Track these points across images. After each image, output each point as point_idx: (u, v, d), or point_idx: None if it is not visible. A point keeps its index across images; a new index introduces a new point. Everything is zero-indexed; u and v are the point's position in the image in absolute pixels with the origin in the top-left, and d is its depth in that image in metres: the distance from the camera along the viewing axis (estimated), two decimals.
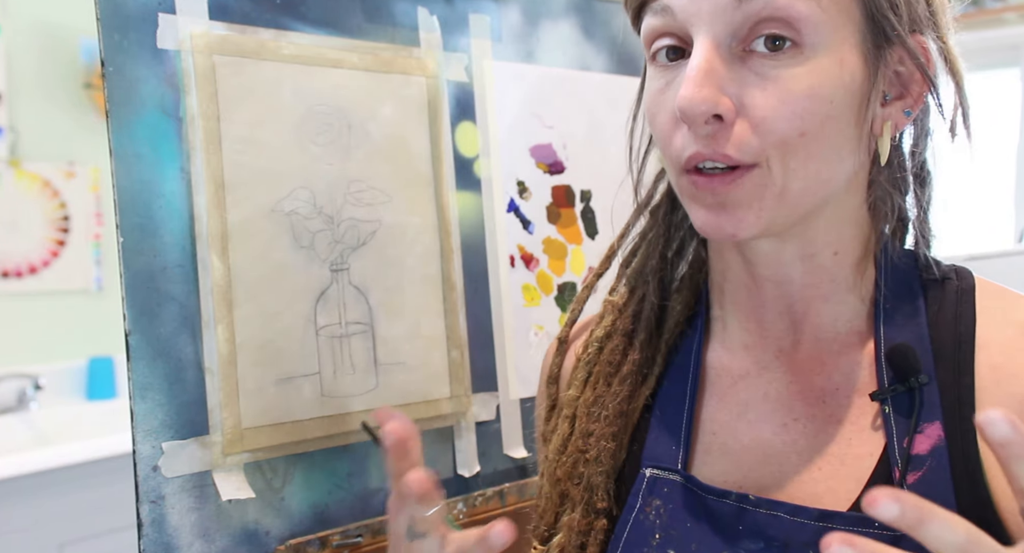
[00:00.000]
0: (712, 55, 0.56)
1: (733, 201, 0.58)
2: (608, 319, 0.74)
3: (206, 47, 0.74)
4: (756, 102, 0.56)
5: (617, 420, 0.69)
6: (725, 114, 0.56)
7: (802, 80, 0.56)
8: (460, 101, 0.89)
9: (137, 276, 0.70)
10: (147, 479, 0.69)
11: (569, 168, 0.98)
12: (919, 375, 0.59)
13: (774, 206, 0.58)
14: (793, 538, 0.59)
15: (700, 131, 0.57)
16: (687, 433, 0.67)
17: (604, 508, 0.67)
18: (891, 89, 0.61)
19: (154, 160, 0.71)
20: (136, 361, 0.69)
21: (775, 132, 0.56)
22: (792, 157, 0.57)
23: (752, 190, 0.58)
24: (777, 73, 0.56)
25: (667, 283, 0.73)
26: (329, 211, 0.79)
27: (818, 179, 0.59)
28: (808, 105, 0.56)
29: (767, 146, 0.56)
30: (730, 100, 0.56)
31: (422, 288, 0.85)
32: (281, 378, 0.76)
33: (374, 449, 0.81)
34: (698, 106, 0.55)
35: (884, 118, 0.61)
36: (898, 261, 0.65)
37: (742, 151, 0.56)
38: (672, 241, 0.73)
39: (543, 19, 0.96)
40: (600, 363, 0.72)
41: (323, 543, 0.77)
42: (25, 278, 2.41)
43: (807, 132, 0.56)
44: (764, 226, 0.59)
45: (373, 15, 0.83)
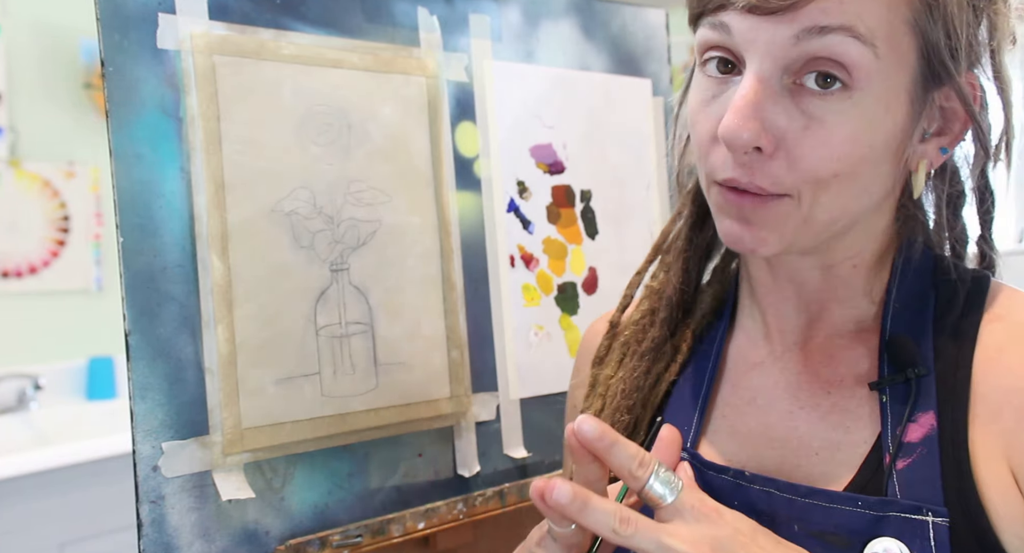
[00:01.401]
0: (760, 87, 0.57)
1: (759, 221, 0.60)
2: (645, 303, 0.76)
3: (206, 47, 0.73)
4: (797, 141, 0.57)
5: (633, 394, 0.72)
6: (765, 148, 0.57)
7: (845, 125, 0.56)
8: (460, 101, 0.89)
9: (137, 276, 0.70)
10: (147, 479, 0.69)
11: (569, 168, 0.98)
12: (916, 366, 0.61)
13: (797, 232, 0.60)
14: (779, 512, 0.61)
15: (739, 159, 0.58)
16: (700, 414, 0.69)
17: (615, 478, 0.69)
18: (932, 125, 0.62)
19: (154, 160, 0.71)
20: (136, 361, 0.69)
21: (811, 171, 0.57)
22: (823, 193, 0.58)
23: (779, 215, 0.59)
24: (823, 114, 0.56)
25: (693, 269, 0.75)
26: (329, 211, 0.79)
27: (844, 211, 0.60)
28: (847, 150, 0.57)
29: (799, 182, 0.58)
30: (770, 135, 0.57)
31: (422, 288, 0.85)
32: (281, 378, 0.76)
33: (374, 449, 0.81)
34: (740, 136, 0.56)
35: (921, 155, 0.62)
36: (918, 262, 0.66)
37: (775, 184, 0.58)
38: (705, 230, 0.75)
39: (543, 19, 0.96)
40: (631, 343, 0.75)
41: (323, 543, 0.77)
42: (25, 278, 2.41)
43: (840, 173, 0.57)
44: (784, 248, 0.61)
45: (373, 15, 0.83)
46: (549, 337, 0.95)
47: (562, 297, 0.97)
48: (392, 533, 0.81)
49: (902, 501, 0.57)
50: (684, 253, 0.74)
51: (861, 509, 0.57)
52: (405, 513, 0.82)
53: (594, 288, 0.99)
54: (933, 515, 0.56)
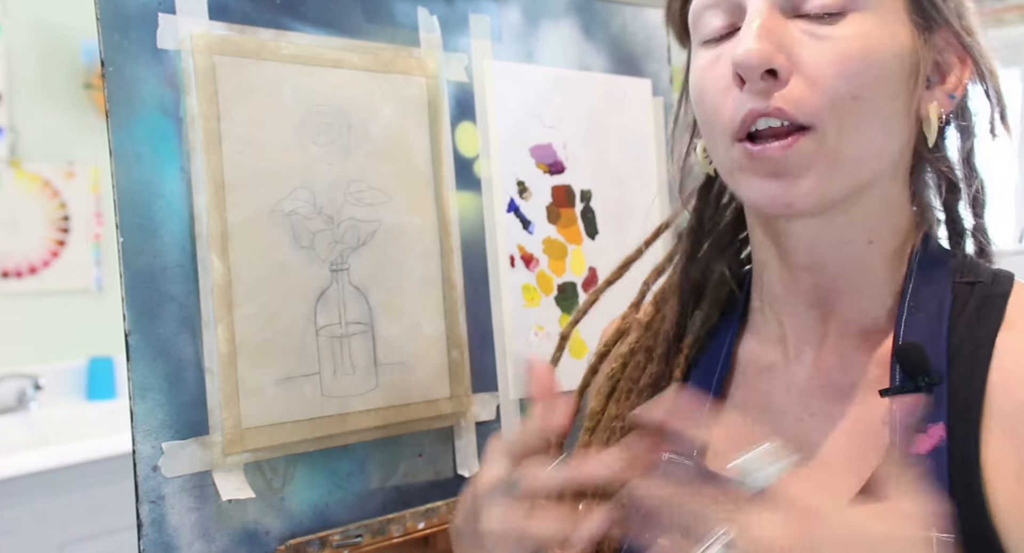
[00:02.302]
0: (769, 13, 0.58)
1: (789, 168, 0.59)
2: (633, 336, 0.76)
3: (206, 47, 0.74)
4: (811, 59, 0.58)
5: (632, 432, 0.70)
6: (780, 69, 0.57)
7: (856, 41, 0.58)
8: (460, 101, 0.89)
9: (137, 276, 0.70)
10: (147, 479, 0.69)
11: (569, 168, 0.98)
12: (929, 375, 0.59)
13: (828, 173, 0.59)
14: None
15: (755, 87, 0.58)
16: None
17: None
18: (934, 75, 0.63)
19: (154, 160, 0.71)
20: (136, 361, 0.69)
21: (829, 90, 0.57)
22: (846, 121, 0.58)
23: (807, 155, 0.58)
24: (831, 33, 0.58)
25: (687, 302, 0.74)
26: (329, 211, 0.79)
27: (871, 149, 0.60)
28: (861, 66, 0.57)
29: (821, 106, 0.58)
30: (785, 57, 0.58)
31: (422, 288, 0.85)
32: (281, 378, 0.76)
33: (374, 449, 0.81)
34: (755, 58, 0.57)
35: (930, 99, 0.63)
36: (934, 260, 0.65)
37: (797, 107, 0.58)
38: (698, 262, 0.74)
39: (543, 19, 0.96)
40: (624, 379, 0.74)
41: (323, 543, 0.77)
42: (25, 278, 2.41)
43: (860, 95, 0.58)
44: (819, 196, 0.59)
45: (373, 15, 0.83)
46: (549, 337, 0.95)
47: (562, 297, 0.97)
48: (392, 533, 0.81)
49: None
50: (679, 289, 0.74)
51: None
52: (405, 513, 0.82)
53: None
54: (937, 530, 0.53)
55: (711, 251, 0.74)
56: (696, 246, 0.74)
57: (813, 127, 0.58)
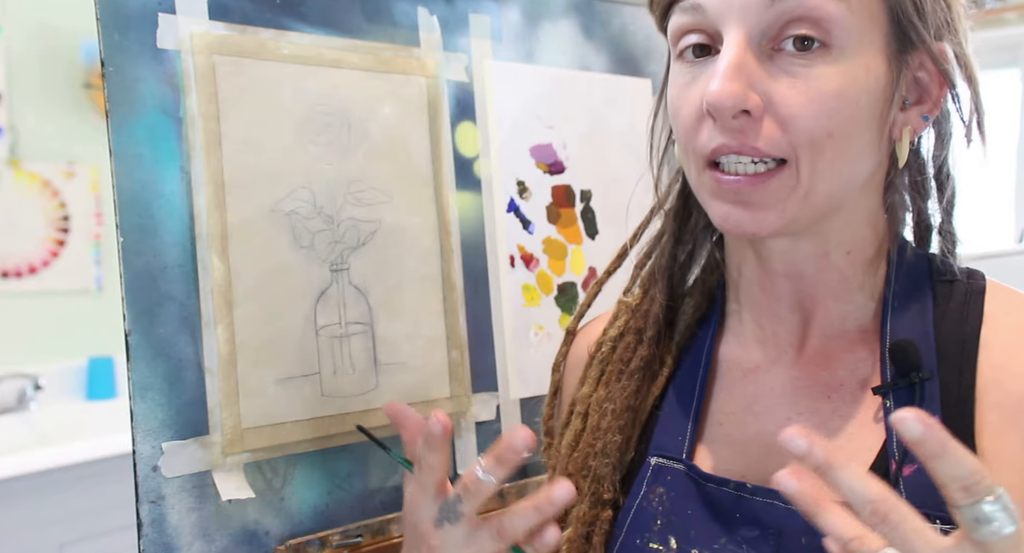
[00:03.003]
0: (743, 50, 0.57)
1: (757, 201, 0.59)
2: (621, 319, 0.76)
3: (206, 47, 0.74)
4: (785, 99, 0.57)
5: (624, 414, 0.71)
6: (753, 110, 0.57)
7: (831, 80, 0.57)
8: (460, 101, 0.89)
9: (137, 276, 0.70)
10: (147, 479, 0.69)
11: (569, 168, 0.98)
12: (920, 371, 0.60)
13: (797, 207, 0.59)
14: (786, 525, 0.60)
15: (728, 125, 0.58)
16: (694, 424, 0.68)
17: (610, 499, 0.69)
18: (910, 94, 0.62)
19: (154, 160, 0.71)
20: (136, 361, 0.69)
21: (803, 130, 0.57)
22: (820, 158, 0.58)
23: (777, 191, 0.59)
24: (807, 72, 0.57)
25: (678, 284, 0.75)
26: (329, 211, 0.79)
27: (841, 180, 0.60)
28: (836, 105, 0.57)
29: (795, 144, 0.57)
30: (758, 96, 0.57)
31: (422, 288, 0.85)
32: (281, 378, 0.76)
33: (374, 449, 0.81)
34: (727, 100, 0.56)
35: (903, 123, 0.62)
36: (912, 261, 0.66)
37: (771, 145, 0.57)
38: (685, 243, 0.74)
39: (543, 19, 0.96)
40: (612, 361, 0.74)
41: (323, 543, 0.77)
42: (25, 278, 2.41)
43: (834, 133, 0.57)
44: (785, 225, 0.60)
45: (373, 15, 0.83)
46: (549, 337, 0.95)
47: (562, 297, 0.97)
48: (392, 533, 0.81)
49: None
50: (667, 270, 0.74)
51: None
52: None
53: None
54: (941, 522, 0.55)
55: (696, 232, 0.74)
56: (681, 227, 0.74)
57: (787, 164, 0.58)
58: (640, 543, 0.66)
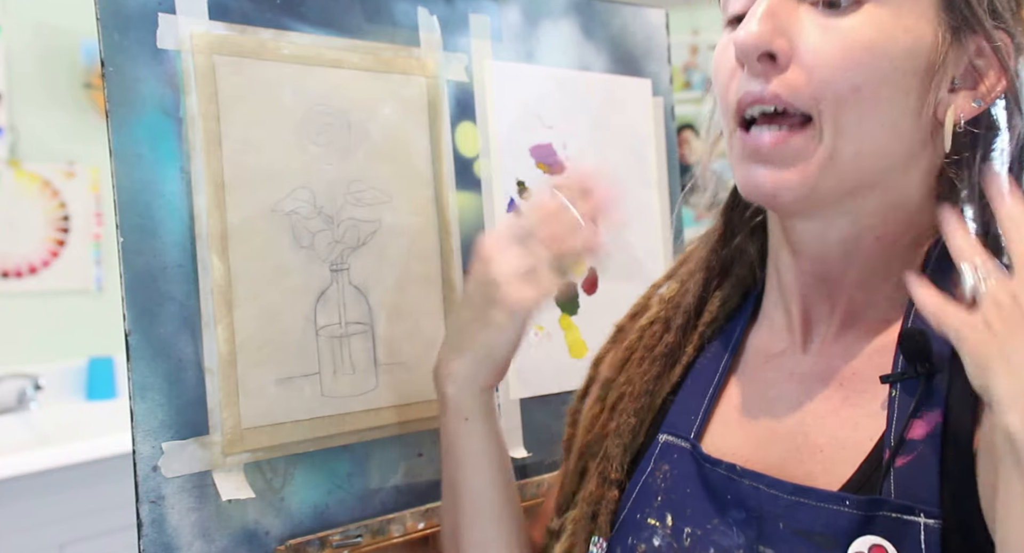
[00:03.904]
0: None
1: (778, 159, 0.59)
2: (654, 310, 0.77)
3: (206, 47, 0.74)
4: (811, 46, 0.57)
5: (641, 397, 0.71)
6: (779, 53, 0.57)
7: (861, 32, 0.57)
8: (460, 101, 0.89)
9: (137, 276, 0.70)
10: (147, 479, 0.69)
11: (569, 168, 0.98)
12: (928, 362, 0.59)
13: (821, 169, 0.58)
14: (768, 510, 0.60)
15: (753, 70, 0.58)
16: (708, 405, 0.69)
17: (617, 479, 0.70)
18: (964, 79, 0.61)
19: (154, 160, 0.71)
20: (136, 361, 0.69)
21: (828, 80, 0.57)
22: (844, 114, 0.57)
23: (800, 149, 0.58)
24: (839, 22, 0.57)
25: (712, 278, 0.75)
26: (329, 211, 0.79)
27: (870, 146, 0.59)
28: (863, 57, 0.57)
29: (819, 95, 0.57)
30: (786, 41, 0.57)
31: (422, 288, 0.85)
32: (281, 378, 0.76)
33: (374, 449, 0.81)
34: (752, 40, 0.56)
35: (949, 104, 0.61)
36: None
37: (793, 94, 0.57)
38: (729, 239, 0.74)
39: (543, 19, 0.96)
40: (638, 348, 0.75)
41: (323, 543, 0.77)
42: (25, 278, 2.41)
43: (861, 87, 0.57)
44: (808, 189, 0.59)
45: (373, 15, 0.83)
46: (549, 337, 0.95)
47: (562, 297, 0.97)
48: (392, 533, 0.81)
49: (893, 501, 0.55)
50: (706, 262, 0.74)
51: (849, 508, 0.56)
52: (405, 513, 0.82)
53: (594, 288, 0.99)
54: (925, 516, 0.54)
55: (744, 231, 0.74)
56: (729, 225, 0.74)
57: (810, 120, 0.58)
58: (639, 518, 0.67)
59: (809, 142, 0.58)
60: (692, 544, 0.63)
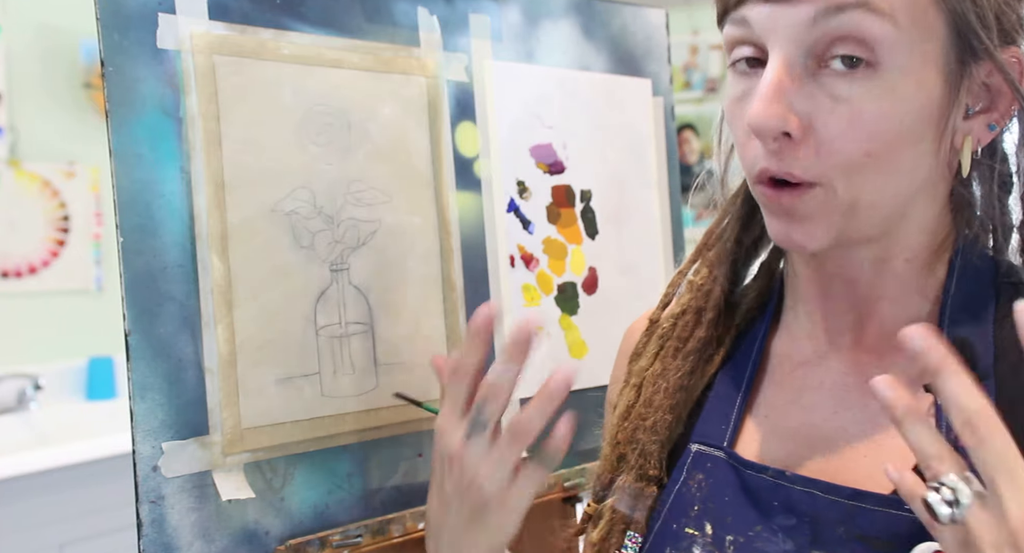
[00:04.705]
0: (783, 73, 0.57)
1: (802, 213, 0.60)
2: (685, 297, 0.76)
3: (206, 47, 0.74)
4: (824, 123, 0.57)
5: (676, 394, 0.71)
6: (793, 132, 0.57)
7: (873, 103, 0.56)
8: (460, 101, 0.89)
9: (137, 276, 0.70)
10: (147, 479, 0.69)
11: (569, 168, 0.98)
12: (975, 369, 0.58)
13: (843, 220, 0.60)
14: (823, 515, 0.60)
15: (769, 146, 0.58)
16: (739, 413, 0.69)
17: (655, 476, 0.70)
18: (977, 102, 0.61)
19: (154, 160, 0.71)
20: (136, 361, 0.69)
21: (839, 153, 0.57)
22: (856, 175, 0.58)
23: (817, 206, 0.59)
24: (849, 94, 0.56)
25: (741, 268, 0.75)
26: (329, 211, 0.79)
27: (887, 194, 0.60)
28: (876, 128, 0.57)
29: (830, 167, 0.58)
30: (798, 119, 0.57)
31: (422, 288, 0.85)
32: (281, 378, 0.76)
33: (374, 449, 0.81)
34: (767, 123, 0.56)
35: (966, 132, 0.61)
36: (976, 263, 0.65)
37: (806, 171, 0.58)
38: (751, 229, 0.75)
39: (543, 19, 0.96)
40: (672, 338, 0.74)
41: (323, 543, 0.77)
42: (25, 278, 2.41)
43: (873, 152, 0.57)
44: (834, 238, 0.60)
45: (373, 15, 0.83)
46: (549, 337, 0.95)
47: (562, 297, 0.97)
48: (392, 533, 0.81)
49: None
50: (732, 253, 0.74)
51: (908, 513, 0.56)
52: (405, 513, 0.82)
53: (594, 288, 0.99)
54: None
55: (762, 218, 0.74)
56: (748, 213, 0.74)
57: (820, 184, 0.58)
58: (676, 528, 0.66)
59: (823, 199, 0.59)
60: (736, 551, 0.63)
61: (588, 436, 0.98)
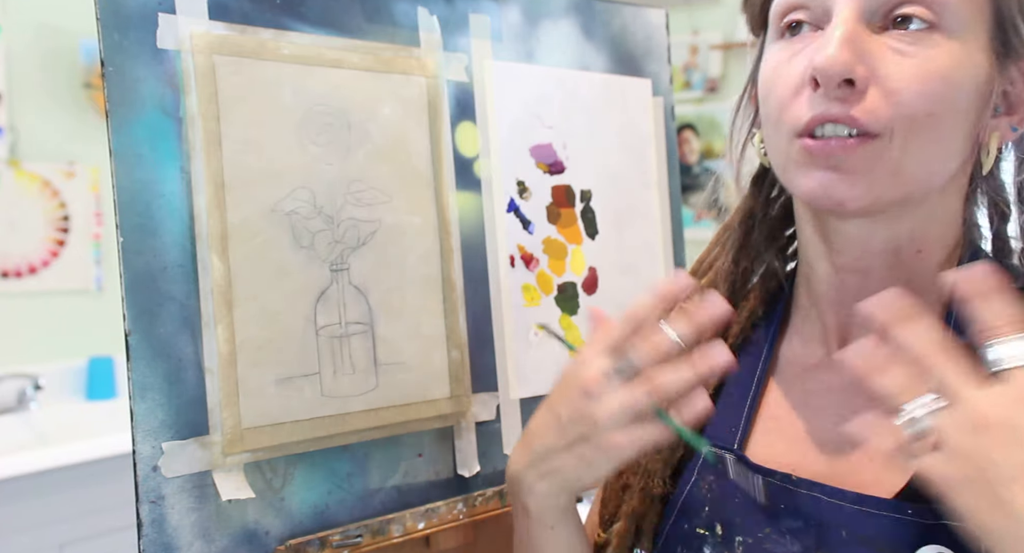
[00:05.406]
0: (854, 23, 0.58)
1: (850, 167, 0.59)
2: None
3: (206, 47, 0.74)
4: (892, 72, 0.58)
5: None
6: (859, 80, 0.58)
7: (939, 61, 0.58)
8: (460, 101, 0.89)
9: (137, 276, 0.70)
10: (147, 479, 0.69)
11: (569, 168, 0.98)
12: None
13: (886, 181, 0.60)
14: (829, 518, 0.60)
15: (831, 94, 0.58)
16: (748, 416, 0.69)
17: (659, 494, 0.71)
18: (1001, 104, 0.63)
19: (154, 160, 0.71)
20: (136, 361, 0.69)
21: (907, 105, 0.58)
22: (915, 136, 0.58)
23: (868, 160, 0.59)
24: (915, 50, 0.58)
25: (738, 290, 0.76)
26: (329, 211, 0.79)
27: (931, 165, 0.60)
28: (941, 87, 0.58)
29: (896, 118, 0.58)
30: (865, 68, 0.58)
31: (422, 288, 0.85)
32: (281, 378, 0.76)
33: (374, 449, 0.81)
34: (837, 65, 0.57)
35: (992, 128, 0.63)
36: None
37: (871, 117, 0.58)
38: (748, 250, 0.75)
39: (543, 19, 0.96)
40: None
41: (323, 543, 0.77)
42: (25, 278, 2.41)
43: (935, 113, 0.58)
44: (872, 199, 0.60)
45: (373, 15, 0.83)
46: (549, 337, 0.95)
47: (562, 297, 0.97)
48: (392, 533, 0.81)
49: None
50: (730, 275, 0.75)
51: (911, 517, 0.57)
52: (405, 513, 0.82)
53: (594, 288, 0.99)
54: None
55: (761, 241, 0.75)
56: (747, 235, 0.75)
57: (880, 136, 0.59)
58: (688, 528, 0.67)
59: (879, 154, 0.59)
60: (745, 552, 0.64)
61: None
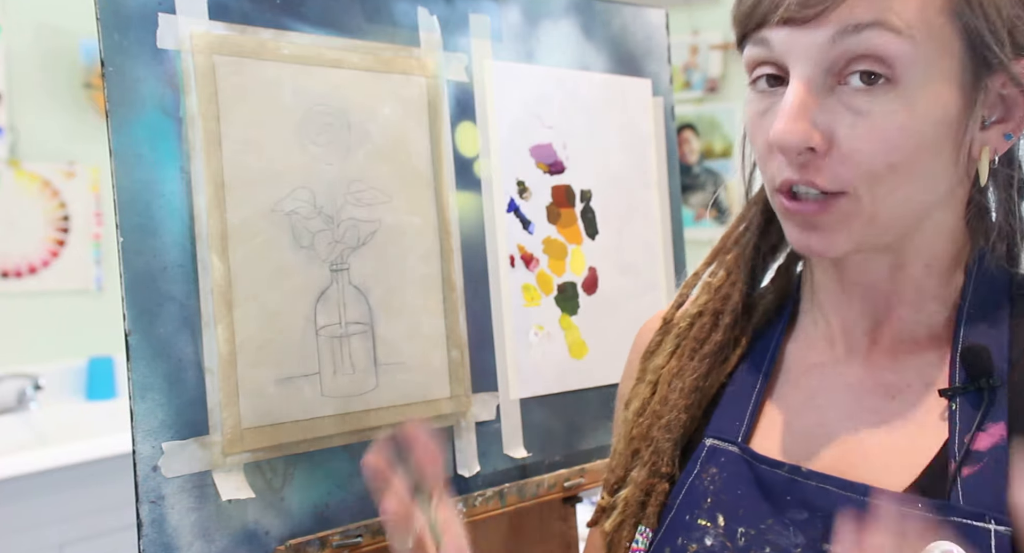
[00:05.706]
0: (805, 91, 0.59)
1: (823, 226, 0.61)
2: (702, 298, 0.77)
3: (206, 47, 0.74)
4: (846, 136, 0.58)
5: (692, 394, 0.73)
6: (817, 147, 0.58)
7: (894, 117, 0.58)
8: (460, 101, 0.89)
9: (137, 276, 0.70)
10: (147, 479, 0.69)
11: (569, 168, 0.98)
12: (991, 376, 0.60)
13: (863, 230, 0.61)
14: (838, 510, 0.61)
15: (793, 161, 0.60)
16: (753, 410, 0.70)
17: (667, 473, 0.71)
18: (992, 112, 0.63)
19: (154, 160, 0.71)
20: (136, 361, 0.69)
21: (865, 164, 0.58)
22: (879, 186, 0.59)
23: (841, 217, 0.60)
24: (870, 108, 0.58)
25: (759, 274, 0.76)
26: (329, 211, 0.79)
27: (908, 204, 0.61)
28: (898, 140, 0.58)
29: (855, 178, 0.59)
30: (820, 134, 0.58)
31: (422, 288, 0.85)
32: (281, 378, 0.76)
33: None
34: (790, 139, 0.58)
35: (983, 142, 0.62)
36: (992, 272, 0.66)
37: (831, 181, 0.59)
38: (768, 235, 0.76)
39: (543, 19, 0.96)
40: (688, 338, 0.76)
41: (323, 543, 0.77)
42: (25, 278, 2.41)
43: (895, 164, 0.58)
44: (854, 246, 0.62)
45: (373, 15, 0.83)
46: (549, 337, 0.95)
47: (562, 297, 0.97)
48: None
49: (964, 507, 0.56)
50: (751, 258, 0.75)
51: (921, 511, 0.57)
52: None
53: (594, 288, 0.99)
54: (996, 523, 0.55)
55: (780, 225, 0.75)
56: (767, 220, 0.75)
57: (847, 193, 0.60)
58: (689, 519, 0.68)
59: (851, 209, 0.60)
60: (747, 543, 0.64)
61: (588, 437, 0.98)
